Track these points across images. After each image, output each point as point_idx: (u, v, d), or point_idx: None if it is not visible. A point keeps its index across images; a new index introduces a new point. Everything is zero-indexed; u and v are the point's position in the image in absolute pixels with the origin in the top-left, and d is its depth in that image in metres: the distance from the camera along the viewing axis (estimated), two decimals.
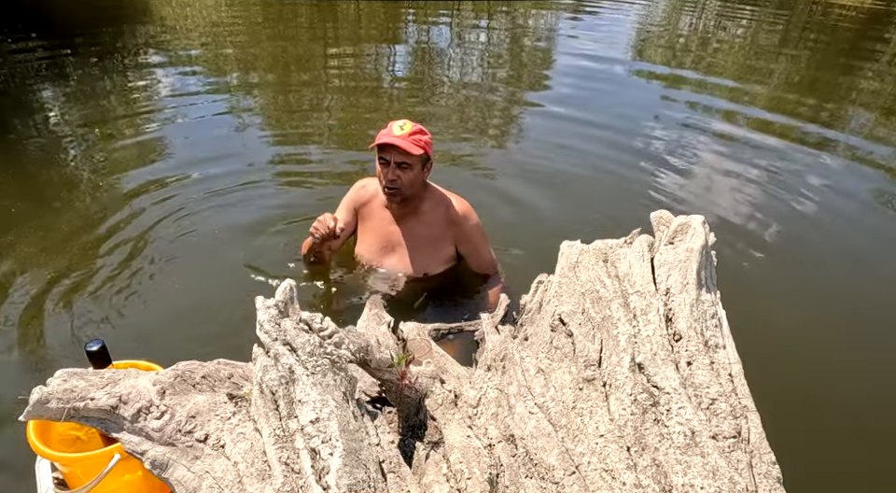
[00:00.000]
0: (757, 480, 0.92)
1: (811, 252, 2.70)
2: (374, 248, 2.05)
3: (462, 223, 1.98)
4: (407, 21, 8.24)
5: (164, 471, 0.98)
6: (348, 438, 0.89)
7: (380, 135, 1.82)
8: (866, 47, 8.24)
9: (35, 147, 3.34)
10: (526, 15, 9.12)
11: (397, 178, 1.83)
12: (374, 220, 2.05)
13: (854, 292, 2.41)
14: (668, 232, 1.44)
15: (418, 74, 5.56)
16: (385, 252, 2.04)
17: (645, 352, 1.10)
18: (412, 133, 1.80)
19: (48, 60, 5.01)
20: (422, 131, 1.83)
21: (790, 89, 5.71)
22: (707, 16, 10.18)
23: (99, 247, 2.33)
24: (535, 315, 1.46)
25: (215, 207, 2.68)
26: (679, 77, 5.88)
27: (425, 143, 1.83)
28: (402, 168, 1.82)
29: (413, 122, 1.84)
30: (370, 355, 1.11)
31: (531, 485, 1.00)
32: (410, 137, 1.79)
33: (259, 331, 1.03)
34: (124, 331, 1.89)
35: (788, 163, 3.69)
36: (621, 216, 2.73)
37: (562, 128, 4.05)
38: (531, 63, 6.24)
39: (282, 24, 7.31)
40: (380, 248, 2.04)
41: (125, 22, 6.67)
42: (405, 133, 1.79)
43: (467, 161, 3.39)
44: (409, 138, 1.79)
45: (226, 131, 3.76)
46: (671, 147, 3.79)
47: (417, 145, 1.79)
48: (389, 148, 1.79)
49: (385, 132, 1.82)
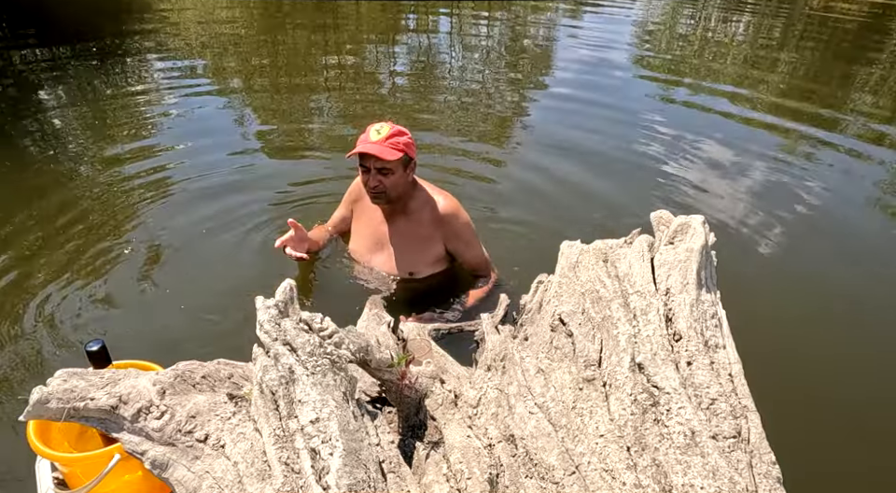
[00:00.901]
0: (757, 480, 0.92)
1: (811, 252, 2.70)
2: (365, 246, 2.07)
3: (450, 222, 1.96)
4: (407, 21, 8.24)
5: (164, 471, 0.98)
6: (348, 438, 0.89)
7: (358, 142, 1.81)
8: (866, 47, 8.24)
9: (35, 146, 3.34)
10: (526, 14, 9.12)
11: (378, 184, 1.83)
12: (366, 218, 2.07)
13: (854, 292, 2.41)
14: (668, 233, 1.44)
15: (418, 73, 5.56)
16: (374, 250, 2.05)
17: (645, 352, 1.10)
18: (389, 137, 1.78)
19: (48, 59, 5.01)
20: (400, 132, 1.81)
21: (790, 88, 5.71)
22: (707, 15, 10.18)
23: (99, 247, 2.33)
24: (535, 315, 1.46)
25: (216, 208, 2.68)
26: (679, 78, 5.88)
27: (404, 144, 1.80)
28: (383, 173, 1.81)
29: (391, 124, 1.82)
30: (370, 355, 1.11)
31: (531, 485, 1.00)
32: (387, 142, 1.77)
33: (259, 331, 1.03)
34: (124, 331, 1.89)
35: (788, 163, 3.69)
36: (621, 216, 2.73)
37: (562, 127, 4.05)
38: (530, 63, 6.24)
39: (282, 24, 7.31)
40: (370, 246, 2.06)
41: (125, 22, 6.67)
42: (382, 137, 1.77)
43: (466, 161, 3.39)
44: (386, 143, 1.77)
45: (226, 131, 3.75)
46: (671, 147, 3.79)
47: (396, 148, 1.77)
48: (368, 155, 1.78)
49: (363, 137, 1.81)
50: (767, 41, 8.20)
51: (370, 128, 1.82)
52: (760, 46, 7.81)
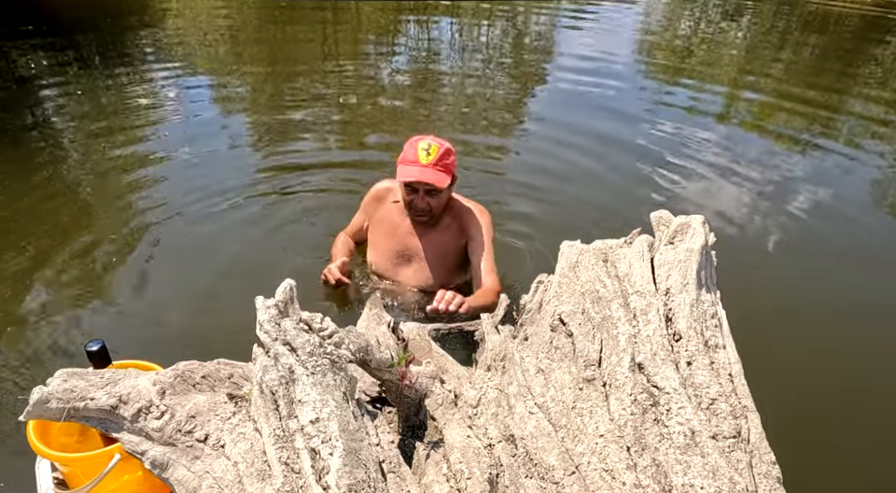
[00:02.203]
0: (757, 480, 0.92)
1: (811, 252, 2.70)
2: (389, 258, 1.96)
3: (481, 233, 1.90)
4: (407, 21, 8.24)
5: (164, 470, 0.98)
6: (348, 438, 0.89)
7: (405, 165, 1.70)
8: (867, 46, 8.24)
9: (36, 146, 3.34)
10: (527, 14, 9.11)
11: (426, 205, 1.77)
12: (386, 228, 1.95)
13: (855, 291, 2.41)
14: (668, 232, 1.44)
15: (418, 73, 5.56)
16: (400, 263, 1.95)
17: (645, 352, 1.10)
18: (440, 159, 1.69)
19: (48, 59, 5.01)
20: (448, 151, 1.72)
21: (790, 88, 5.71)
22: (707, 15, 10.17)
23: (99, 247, 2.33)
24: (535, 315, 1.46)
25: (215, 208, 2.68)
26: (680, 77, 5.88)
27: (451, 164, 1.73)
28: (431, 195, 1.75)
29: (437, 142, 1.72)
30: (370, 355, 1.11)
31: (531, 485, 1.00)
32: (438, 165, 1.69)
33: (259, 331, 1.02)
34: (124, 331, 1.89)
35: (788, 163, 3.70)
36: (621, 216, 2.73)
37: (562, 128, 4.05)
38: (530, 63, 6.24)
39: (282, 24, 7.31)
40: (394, 259, 1.95)
41: (125, 22, 6.67)
42: (433, 159, 1.68)
43: (466, 161, 3.39)
44: (437, 167, 1.69)
45: (227, 132, 3.76)
46: (671, 148, 3.79)
47: (446, 171, 1.70)
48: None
49: (411, 156, 1.70)
50: (767, 41, 8.20)
51: (416, 146, 1.71)
52: (760, 45, 7.81)
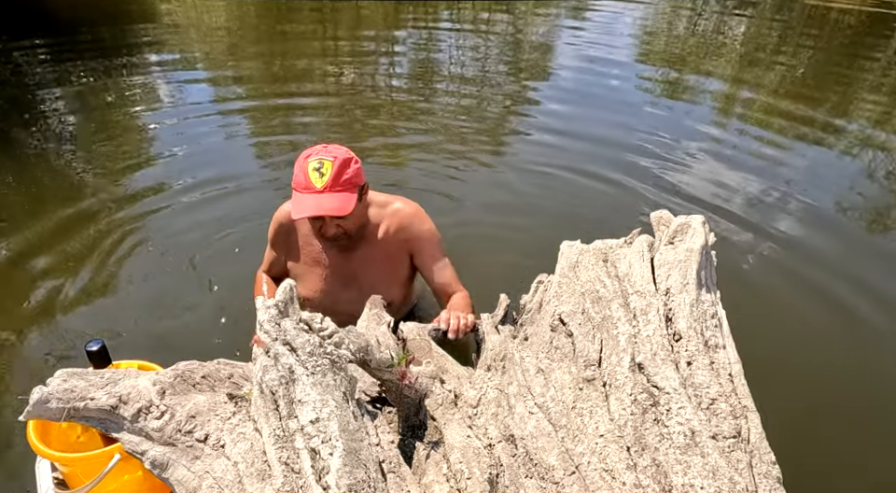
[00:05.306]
0: (757, 480, 0.92)
1: (811, 252, 2.70)
2: (323, 289, 1.66)
3: (429, 244, 1.67)
4: (407, 21, 8.24)
5: (164, 470, 0.98)
6: (348, 438, 0.89)
7: (298, 193, 1.41)
8: (867, 46, 8.23)
9: (36, 146, 3.34)
10: (527, 14, 9.11)
11: (337, 229, 1.50)
12: (311, 256, 1.66)
13: (855, 292, 2.41)
14: (668, 232, 1.44)
15: (418, 74, 5.56)
16: (338, 290, 1.67)
17: (645, 352, 1.10)
18: (336, 178, 1.39)
19: (48, 59, 5.01)
20: (345, 163, 1.42)
21: (790, 89, 5.71)
22: (706, 15, 10.17)
23: (99, 247, 2.33)
24: (535, 315, 1.46)
25: (215, 209, 2.68)
26: (679, 78, 5.88)
27: (354, 176, 1.44)
28: (341, 218, 1.46)
29: (329, 155, 1.41)
30: (370, 355, 1.11)
31: (531, 485, 1.00)
32: (336, 187, 1.40)
33: (259, 331, 1.02)
34: (124, 331, 1.89)
35: (789, 164, 3.69)
36: (621, 216, 2.73)
37: (562, 128, 4.05)
38: (531, 63, 6.24)
39: (282, 24, 7.31)
40: (329, 289, 1.67)
41: (126, 22, 6.67)
42: (328, 180, 1.38)
43: (466, 161, 3.39)
44: (335, 189, 1.40)
45: (227, 132, 3.76)
46: (671, 148, 3.79)
47: (349, 189, 1.42)
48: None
49: (302, 183, 1.41)
50: (767, 41, 8.19)
51: (306, 167, 1.41)
52: (759, 46, 7.80)
